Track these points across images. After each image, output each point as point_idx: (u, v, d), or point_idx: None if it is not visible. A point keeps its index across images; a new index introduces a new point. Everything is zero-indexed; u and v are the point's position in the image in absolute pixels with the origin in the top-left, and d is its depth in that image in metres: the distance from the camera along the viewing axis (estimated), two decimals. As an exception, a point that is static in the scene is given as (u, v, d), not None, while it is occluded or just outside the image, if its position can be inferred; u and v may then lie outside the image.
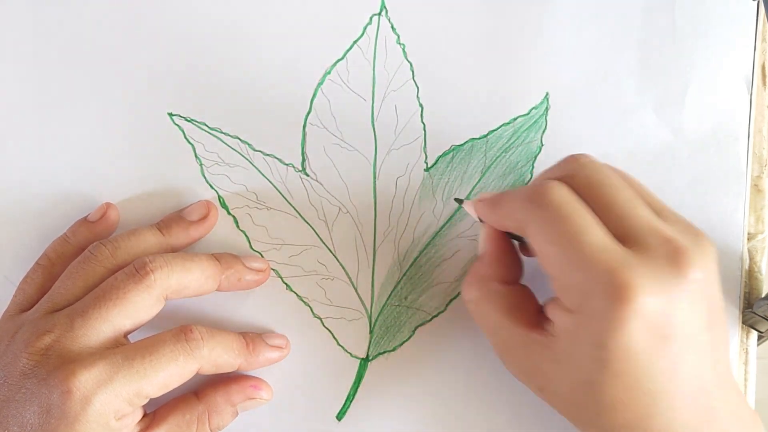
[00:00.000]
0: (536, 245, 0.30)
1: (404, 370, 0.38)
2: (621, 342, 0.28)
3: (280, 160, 0.38)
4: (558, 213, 0.29)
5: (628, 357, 0.28)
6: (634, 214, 0.30)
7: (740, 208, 0.38)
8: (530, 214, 0.30)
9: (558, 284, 0.30)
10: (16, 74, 0.38)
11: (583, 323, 0.28)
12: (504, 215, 0.32)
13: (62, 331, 0.32)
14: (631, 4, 0.39)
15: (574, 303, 0.29)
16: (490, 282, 0.33)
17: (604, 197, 0.30)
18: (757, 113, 0.38)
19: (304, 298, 0.38)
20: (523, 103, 0.38)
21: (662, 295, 0.28)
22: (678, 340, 0.28)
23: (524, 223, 0.31)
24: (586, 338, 0.28)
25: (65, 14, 0.38)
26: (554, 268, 0.30)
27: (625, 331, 0.27)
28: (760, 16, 0.38)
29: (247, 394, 0.36)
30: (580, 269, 0.28)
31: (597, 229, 0.29)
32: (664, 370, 0.28)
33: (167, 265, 0.33)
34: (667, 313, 0.28)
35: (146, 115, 0.38)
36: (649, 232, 0.29)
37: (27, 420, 0.31)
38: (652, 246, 0.29)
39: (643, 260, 0.28)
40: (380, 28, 0.38)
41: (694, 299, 0.28)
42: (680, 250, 0.28)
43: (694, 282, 0.28)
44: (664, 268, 0.28)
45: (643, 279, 0.28)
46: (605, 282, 0.28)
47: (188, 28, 0.38)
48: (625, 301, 0.27)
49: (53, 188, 0.38)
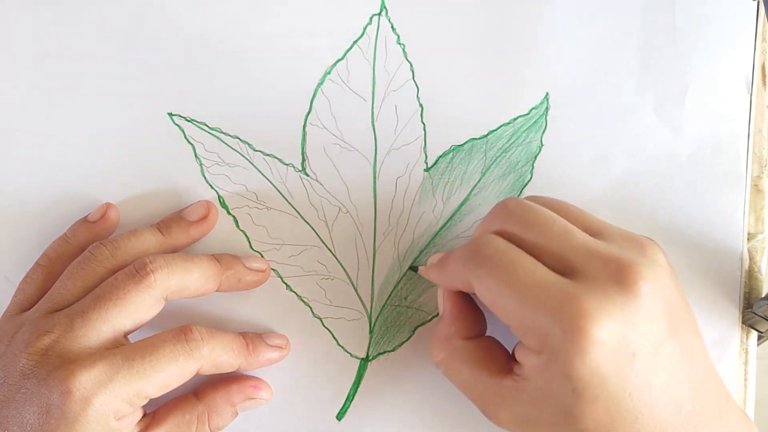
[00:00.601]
0: (485, 300, 0.31)
1: (404, 370, 0.38)
2: (587, 369, 0.28)
3: (280, 160, 0.38)
4: (496, 265, 0.30)
5: (599, 382, 0.28)
6: (570, 245, 0.30)
7: (740, 208, 0.38)
8: (471, 271, 0.31)
9: (516, 331, 0.30)
10: (16, 74, 0.38)
11: (549, 361, 0.28)
12: (450, 277, 0.33)
13: (62, 332, 0.32)
14: (631, 4, 0.38)
15: (535, 344, 0.29)
16: (454, 340, 0.33)
17: (537, 236, 0.30)
18: (757, 113, 0.38)
19: (304, 298, 0.38)
20: (523, 103, 0.38)
21: (615, 317, 0.28)
22: (643, 355, 0.28)
23: (468, 281, 0.31)
24: (555, 374, 0.28)
25: (65, 14, 0.38)
26: (507, 316, 0.30)
27: (590, 359, 0.28)
28: (760, 16, 0.38)
29: (247, 394, 0.36)
30: (531, 312, 0.29)
31: (537, 270, 0.29)
32: (637, 386, 0.28)
33: (167, 266, 0.33)
34: (624, 332, 0.28)
35: (146, 115, 0.38)
36: (589, 258, 0.29)
37: (27, 420, 0.31)
38: (594, 270, 0.29)
39: (588, 287, 0.28)
40: (380, 28, 0.38)
41: (649, 311, 0.28)
42: (622, 267, 0.29)
43: (644, 295, 0.28)
44: (611, 289, 0.28)
45: (592, 305, 0.28)
46: (557, 319, 0.28)
47: (188, 28, 0.38)
48: (581, 333, 0.27)
49: (53, 188, 0.38)
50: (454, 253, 0.33)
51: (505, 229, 0.31)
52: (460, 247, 0.32)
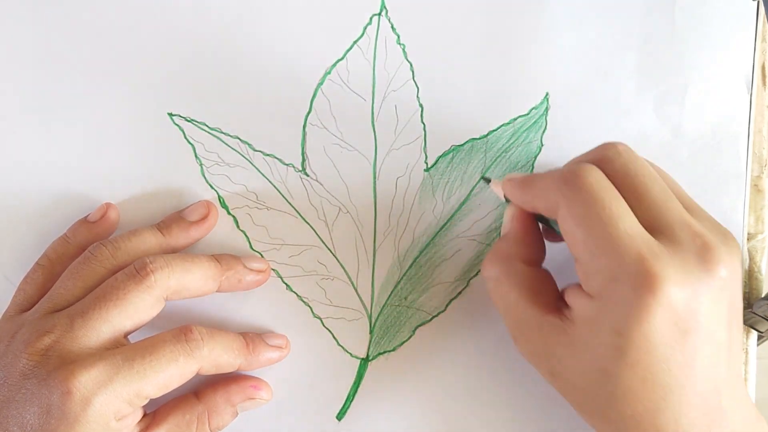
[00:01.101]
0: (566, 227, 0.30)
1: (404, 370, 0.38)
2: (642, 331, 0.28)
3: (280, 160, 0.38)
4: (591, 196, 0.30)
5: (647, 347, 0.28)
6: (666, 207, 0.30)
7: (740, 208, 0.38)
8: (563, 194, 0.30)
9: (584, 268, 0.30)
10: (16, 74, 0.38)
11: (605, 309, 0.29)
12: (536, 195, 0.32)
13: (62, 332, 0.32)
14: (631, 4, 0.38)
15: (598, 288, 0.29)
16: (513, 261, 0.33)
17: (638, 187, 0.30)
18: (757, 113, 0.38)
19: (304, 298, 0.38)
20: (523, 103, 0.38)
21: (688, 288, 0.28)
22: (698, 335, 0.28)
23: (556, 203, 0.31)
24: (605, 325, 0.28)
25: (65, 14, 0.38)
26: (582, 251, 0.30)
27: (648, 320, 0.28)
28: (760, 16, 0.38)
29: (247, 394, 0.36)
30: (609, 254, 0.29)
31: (629, 217, 0.29)
32: (680, 364, 0.28)
33: (168, 266, 0.33)
34: (690, 306, 0.28)
35: (146, 115, 0.38)
36: (680, 226, 0.29)
37: (27, 420, 0.31)
38: (681, 239, 0.29)
39: (672, 252, 0.29)
40: (380, 28, 0.38)
41: (718, 296, 0.29)
42: (709, 246, 0.29)
43: (720, 279, 0.29)
44: (692, 262, 0.28)
45: (670, 270, 0.28)
46: (633, 269, 0.28)
47: (188, 28, 0.38)
48: (651, 290, 0.28)
49: (53, 188, 0.38)
50: (546, 173, 0.32)
51: (608, 166, 0.31)
52: (555, 170, 0.32)
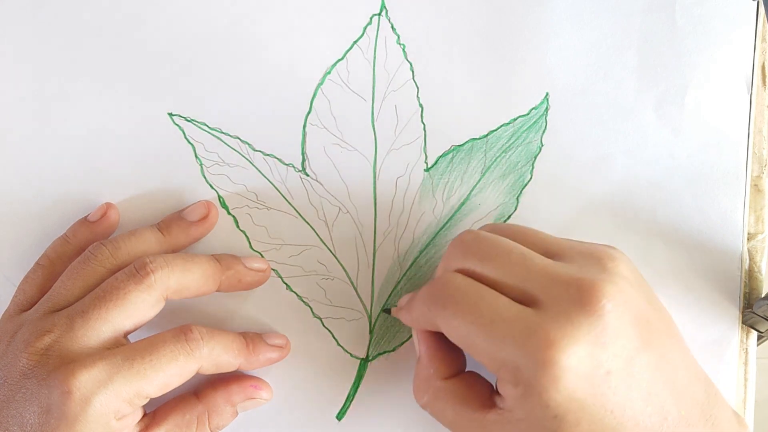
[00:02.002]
0: (453, 339, 0.31)
1: (404, 370, 0.38)
2: (565, 397, 0.28)
3: (280, 160, 0.38)
4: (458, 305, 0.30)
5: (579, 406, 0.28)
6: (530, 273, 0.30)
7: (740, 208, 0.38)
8: (436, 313, 0.31)
9: (489, 367, 0.30)
10: (16, 74, 0.38)
11: (526, 392, 0.28)
12: (417, 319, 0.33)
13: (62, 332, 0.32)
14: (631, 4, 0.38)
15: (510, 378, 0.29)
16: (434, 380, 0.33)
17: (497, 268, 0.30)
18: (757, 113, 0.38)
19: (304, 298, 0.38)
20: (523, 103, 0.38)
21: (583, 341, 0.28)
22: (618, 372, 0.28)
23: (435, 321, 0.31)
24: (534, 404, 0.28)
25: (65, 14, 0.38)
26: (477, 354, 0.30)
27: (563, 387, 0.28)
28: (760, 16, 0.38)
29: (247, 394, 0.36)
30: (499, 347, 0.29)
31: (500, 303, 0.29)
32: (617, 403, 0.28)
33: (168, 266, 0.33)
34: (595, 354, 0.28)
35: (146, 115, 0.38)
36: (549, 284, 0.29)
37: (27, 420, 0.31)
38: (555, 297, 0.29)
39: (553, 314, 0.28)
40: (380, 28, 0.38)
41: (616, 328, 0.28)
42: (583, 288, 0.29)
43: (608, 313, 0.28)
44: (575, 313, 0.28)
45: (558, 333, 0.28)
46: (526, 351, 0.28)
47: (188, 28, 0.38)
48: (551, 362, 0.27)
49: (53, 188, 0.38)
50: (418, 294, 0.33)
51: (464, 265, 0.31)
52: (424, 288, 0.32)
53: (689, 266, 0.38)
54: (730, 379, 0.37)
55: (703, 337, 0.38)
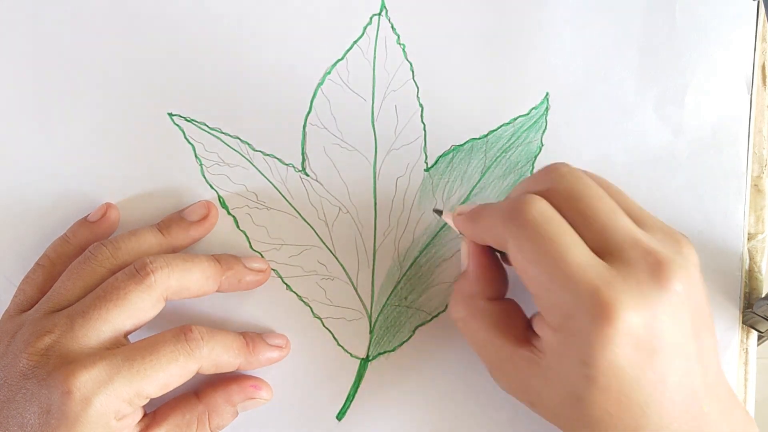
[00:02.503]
0: (517, 263, 0.30)
1: (404, 370, 0.38)
2: (606, 359, 0.28)
3: (280, 160, 0.38)
4: (537, 231, 0.29)
5: (615, 372, 0.28)
6: (614, 227, 0.29)
7: (740, 208, 0.38)
8: (509, 231, 0.30)
9: (541, 303, 0.30)
10: (16, 74, 0.38)
11: (568, 341, 0.28)
12: (483, 231, 0.32)
13: (62, 332, 0.32)
14: (631, 4, 0.38)
15: (558, 321, 0.29)
16: (476, 299, 0.33)
17: (584, 210, 0.30)
18: (757, 113, 0.38)
19: (304, 298, 0.38)
20: (523, 103, 0.38)
21: (645, 310, 0.28)
22: (664, 353, 0.28)
23: (504, 240, 0.30)
24: (571, 355, 0.28)
25: (65, 14, 0.38)
26: (536, 287, 0.29)
27: (610, 348, 0.27)
28: (760, 16, 0.38)
29: (247, 394, 0.36)
30: (562, 289, 0.28)
31: (577, 247, 0.29)
32: (651, 381, 0.28)
33: (168, 266, 0.33)
34: (651, 327, 0.28)
35: (146, 115, 0.38)
36: (630, 246, 0.29)
37: (27, 421, 0.31)
38: (633, 260, 0.29)
39: (625, 276, 0.28)
40: (380, 28, 0.38)
41: (678, 311, 0.28)
42: (661, 262, 0.28)
43: (676, 294, 0.28)
44: (646, 282, 0.28)
45: (625, 295, 0.28)
46: (588, 301, 0.28)
47: (188, 28, 0.38)
48: (609, 320, 0.27)
49: (53, 188, 0.38)
50: (492, 206, 0.32)
51: (551, 193, 0.30)
52: (500, 202, 0.31)
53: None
54: (730, 379, 0.37)
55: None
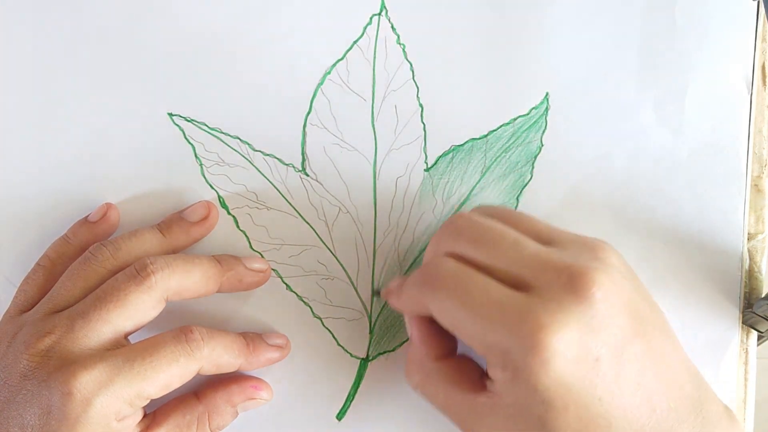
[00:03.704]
0: (443, 323, 0.31)
1: (404, 371, 0.38)
2: (553, 381, 0.28)
3: (280, 160, 0.38)
4: (451, 287, 0.30)
5: (566, 391, 0.28)
6: (520, 257, 0.30)
7: (740, 208, 0.38)
8: (427, 297, 0.31)
9: (478, 350, 0.30)
10: (16, 74, 0.38)
11: (516, 376, 0.28)
12: (408, 303, 0.33)
13: (63, 333, 0.32)
14: (631, 4, 0.38)
15: (500, 361, 0.29)
16: (425, 363, 0.33)
17: (488, 252, 0.30)
18: (757, 113, 0.38)
19: (304, 298, 0.38)
20: (523, 103, 0.38)
21: (572, 326, 0.28)
22: (608, 360, 0.28)
23: (426, 306, 0.31)
24: (522, 388, 0.28)
25: (65, 14, 0.38)
26: (468, 338, 0.30)
27: (552, 371, 0.28)
28: (760, 16, 0.38)
29: (247, 394, 0.36)
30: (489, 331, 0.29)
31: (491, 287, 0.29)
32: (606, 391, 0.28)
33: (168, 267, 0.33)
34: (584, 340, 0.28)
35: (146, 115, 0.38)
36: (540, 269, 0.29)
37: (27, 421, 0.31)
38: (547, 281, 0.29)
39: (543, 299, 0.28)
40: (380, 28, 0.38)
41: (606, 316, 0.28)
42: (574, 275, 0.28)
43: (599, 300, 0.28)
44: (565, 298, 0.28)
45: (548, 317, 0.28)
46: (515, 335, 0.28)
47: (188, 28, 0.38)
48: (541, 345, 0.27)
49: (53, 188, 0.38)
50: (409, 278, 0.33)
51: (455, 249, 0.31)
52: (414, 273, 0.32)
53: (689, 266, 0.38)
54: (730, 379, 0.37)
55: (703, 337, 0.38)
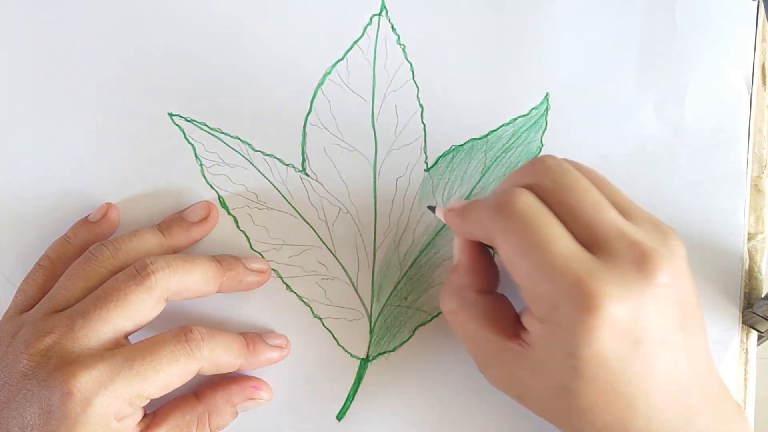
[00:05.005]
0: (504, 255, 0.30)
1: (404, 370, 0.38)
2: (592, 350, 0.28)
3: (281, 161, 0.38)
4: (523, 223, 0.29)
5: (601, 363, 0.28)
6: (601, 219, 0.30)
7: (740, 208, 0.38)
8: (497, 224, 0.30)
9: (527, 294, 0.30)
10: (16, 74, 0.38)
11: (554, 332, 0.28)
12: (472, 226, 0.32)
13: (63, 333, 0.32)
14: (631, 4, 0.38)
15: (544, 313, 0.29)
16: (467, 292, 0.33)
17: (570, 202, 0.30)
18: (757, 113, 0.38)
19: (304, 298, 0.38)
20: (523, 103, 0.38)
21: (630, 302, 0.28)
22: (650, 344, 0.28)
23: (491, 233, 0.31)
24: (557, 347, 0.28)
25: (65, 14, 0.38)
26: (522, 278, 0.30)
27: (595, 339, 0.28)
28: (760, 16, 0.38)
29: (247, 394, 0.36)
30: (547, 280, 0.29)
31: (563, 239, 0.29)
32: (638, 373, 0.28)
33: (168, 267, 0.33)
34: (636, 318, 0.28)
35: (146, 115, 0.38)
36: (616, 237, 0.29)
37: (27, 421, 0.31)
38: (618, 251, 0.29)
39: (610, 267, 0.28)
40: (380, 28, 0.38)
41: (663, 302, 0.28)
42: (646, 254, 0.28)
43: (662, 286, 0.28)
44: (631, 273, 0.28)
45: (609, 287, 0.28)
46: (572, 292, 0.28)
47: (188, 28, 0.38)
48: (593, 311, 0.27)
49: (53, 188, 0.38)
50: (480, 201, 0.32)
51: (538, 186, 0.31)
52: (487, 198, 0.32)
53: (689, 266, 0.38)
54: (730, 379, 0.37)
55: (706, 334, 0.38)
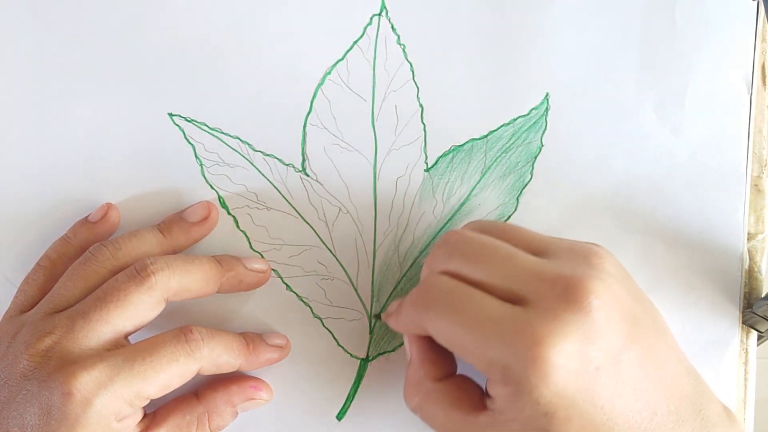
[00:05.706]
0: (442, 342, 0.31)
1: (404, 371, 0.38)
2: (555, 394, 0.28)
3: (281, 161, 0.38)
4: (444, 305, 0.30)
5: (568, 403, 0.28)
6: (514, 270, 0.30)
7: (740, 208, 0.38)
8: (423, 316, 0.31)
9: (479, 366, 0.30)
10: (16, 74, 0.38)
11: (517, 391, 0.28)
12: (406, 323, 0.33)
13: (63, 333, 0.32)
14: (631, 4, 0.38)
15: (501, 377, 0.29)
16: (426, 383, 0.33)
17: (483, 268, 0.30)
18: (757, 113, 0.38)
19: (304, 298, 0.38)
20: (523, 103, 0.38)
21: (571, 338, 0.28)
22: (607, 368, 0.28)
23: (422, 325, 0.31)
24: (524, 402, 0.28)
25: (65, 14, 0.38)
26: (466, 355, 0.30)
27: (554, 383, 0.28)
28: (760, 16, 0.38)
29: (247, 394, 0.36)
30: (487, 347, 0.29)
31: (487, 303, 0.29)
32: (607, 399, 0.28)
33: (168, 267, 0.33)
34: (583, 350, 0.28)
35: (146, 115, 0.38)
36: (535, 281, 0.29)
37: (27, 422, 0.31)
38: (542, 293, 0.29)
39: (540, 311, 0.28)
40: (380, 28, 0.38)
41: (604, 324, 0.28)
42: (569, 285, 0.29)
43: (596, 309, 0.28)
44: (562, 310, 0.28)
45: (546, 330, 0.28)
46: (514, 350, 0.28)
47: (188, 28, 0.38)
48: (540, 360, 0.27)
49: (53, 188, 0.38)
50: (405, 299, 0.32)
51: (449, 267, 0.31)
52: (411, 293, 0.32)
53: (689, 266, 0.38)
54: (730, 379, 0.37)
55: (703, 337, 0.38)
